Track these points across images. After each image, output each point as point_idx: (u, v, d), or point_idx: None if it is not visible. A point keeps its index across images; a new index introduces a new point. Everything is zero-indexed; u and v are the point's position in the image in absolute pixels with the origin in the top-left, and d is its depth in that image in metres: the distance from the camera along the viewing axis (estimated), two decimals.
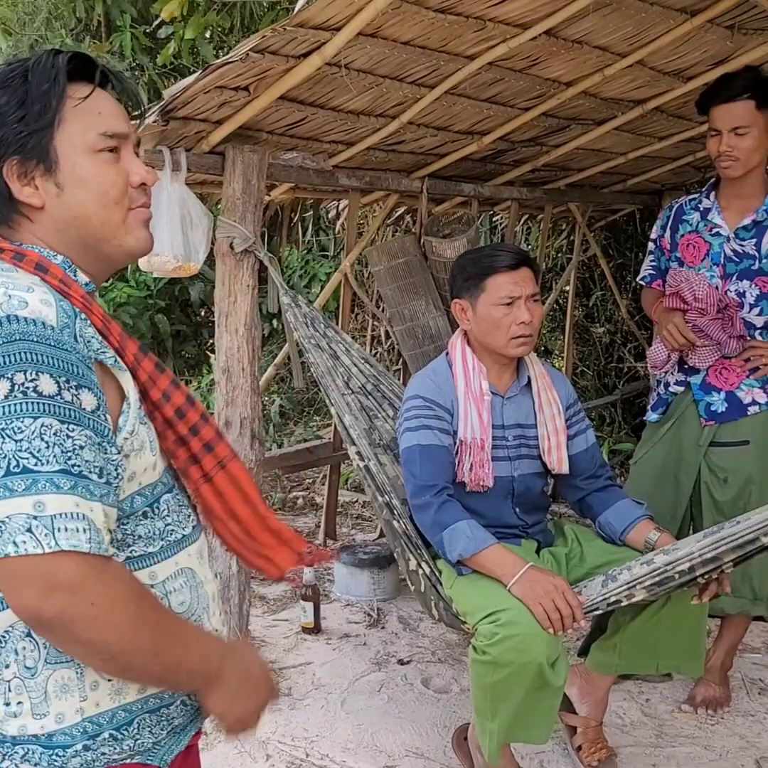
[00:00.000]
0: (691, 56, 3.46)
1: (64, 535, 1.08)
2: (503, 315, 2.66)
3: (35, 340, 1.12)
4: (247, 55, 2.61)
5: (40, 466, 1.09)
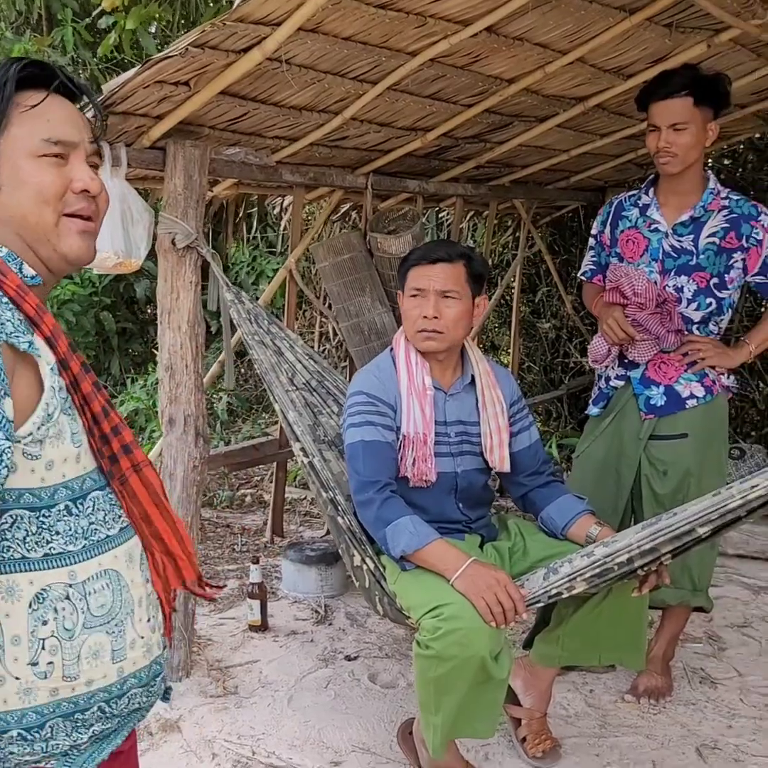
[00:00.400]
0: (630, 54, 3.51)
1: None
2: (412, 307, 2.69)
3: None
4: (187, 49, 2.59)
5: None
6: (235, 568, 4.44)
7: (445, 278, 2.66)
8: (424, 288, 2.66)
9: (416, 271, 2.70)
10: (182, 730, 3.00)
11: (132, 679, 1.32)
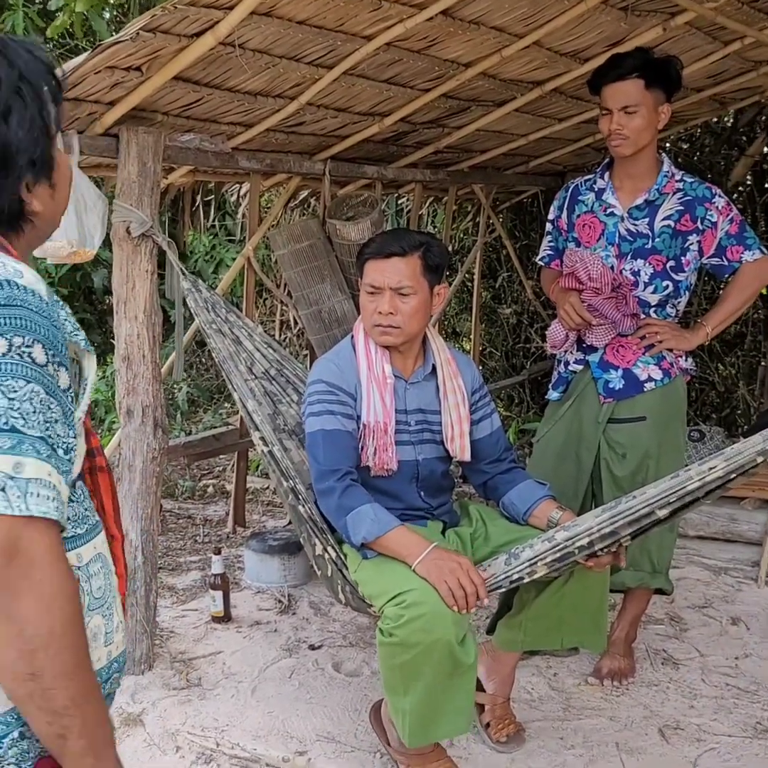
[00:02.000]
0: (586, 38, 3.51)
1: (34, 501, 1.07)
2: (369, 302, 2.68)
3: (33, 309, 1.12)
4: (138, 34, 2.55)
5: (26, 429, 1.08)
6: (197, 559, 4.41)
7: (399, 274, 2.63)
8: (379, 285, 2.64)
9: (371, 265, 2.67)
10: (145, 724, 2.98)
11: (115, 663, 1.32)
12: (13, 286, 1.11)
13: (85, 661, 1.14)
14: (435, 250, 2.68)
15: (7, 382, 1.08)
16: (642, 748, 2.85)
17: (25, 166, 1.21)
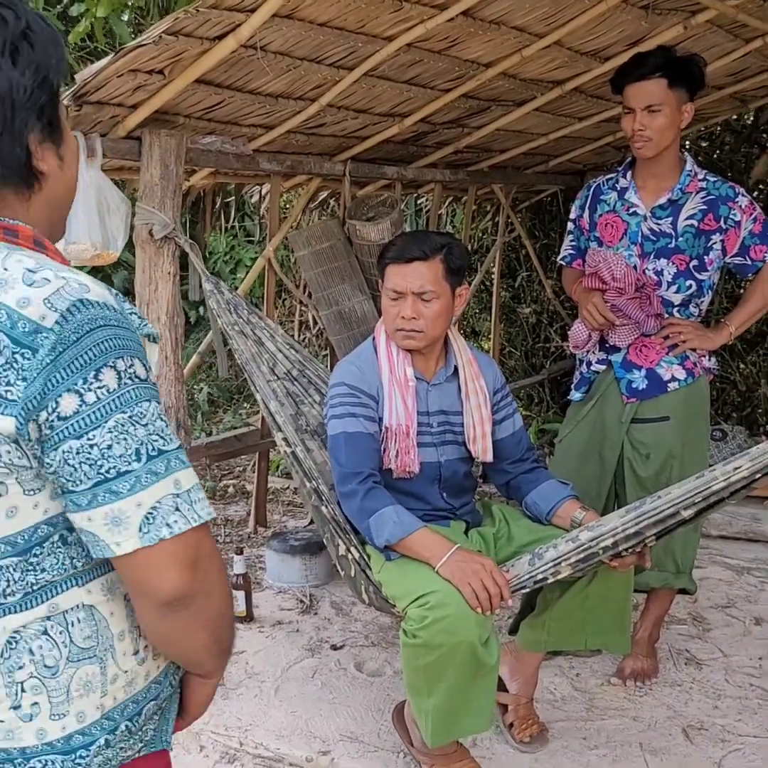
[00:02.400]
0: (607, 37, 3.49)
1: (200, 506, 1.11)
2: (391, 306, 2.67)
3: (116, 324, 1.07)
4: (161, 37, 2.56)
5: (167, 445, 1.09)
6: None
7: (422, 279, 2.62)
8: (401, 290, 2.63)
9: (392, 270, 2.66)
10: None
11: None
12: (87, 305, 1.05)
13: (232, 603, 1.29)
14: (456, 252, 2.67)
15: (135, 410, 1.06)
16: (666, 748, 2.84)
17: (32, 112, 1.13)
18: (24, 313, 1.02)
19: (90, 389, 1.03)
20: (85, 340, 1.03)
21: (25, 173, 1.15)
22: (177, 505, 1.08)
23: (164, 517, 1.07)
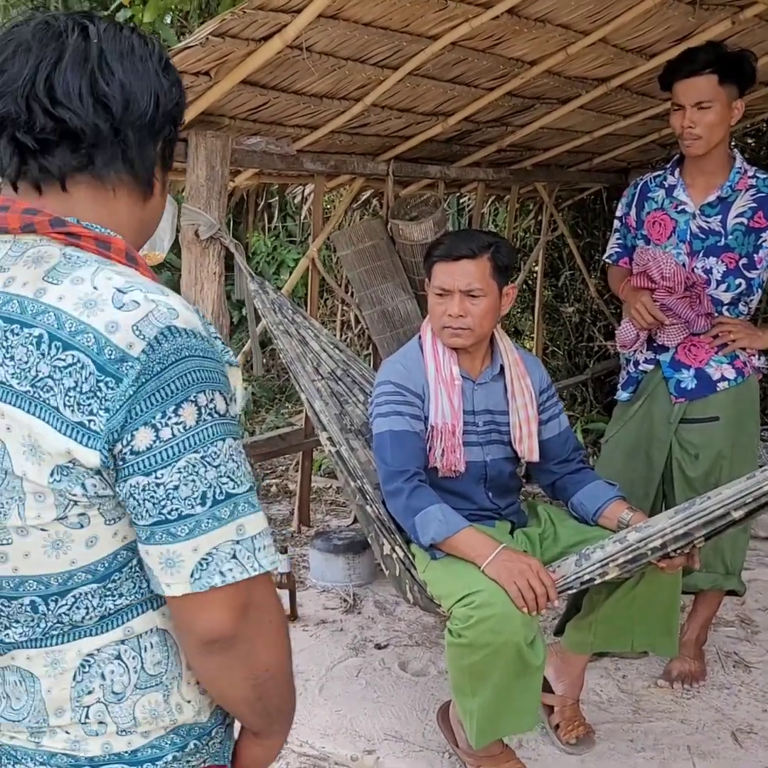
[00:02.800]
0: (653, 33, 3.46)
1: (263, 554, 1.06)
2: (437, 303, 2.67)
3: (201, 355, 1.03)
4: (207, 39, 2.57)
5: (237, 488, 1.04)
6: None
7: (470, 277, 2.62)
8: (449, 288, 2.63)
9: (440, 268, 2.66)
10: None
11: None
12: (175, 333, 1.01)
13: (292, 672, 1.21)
14: (503, 251, 2.67)
15: (209, 450, 1.02)
16: (715, 751, 2.81)
17: (168, 123, 1.16)
18: (112, 339, 0.99)
19: (167, 424, 1.00)
20: (170, 371, 1.00)
21: (148, 174, 1.16)
22: (235, 552, 1.04)
23: (218, 564, 1.03)
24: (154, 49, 1.14)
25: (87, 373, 0.98)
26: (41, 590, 1.07)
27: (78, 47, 1.08)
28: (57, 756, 1.11)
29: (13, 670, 1.12)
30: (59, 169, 1.09)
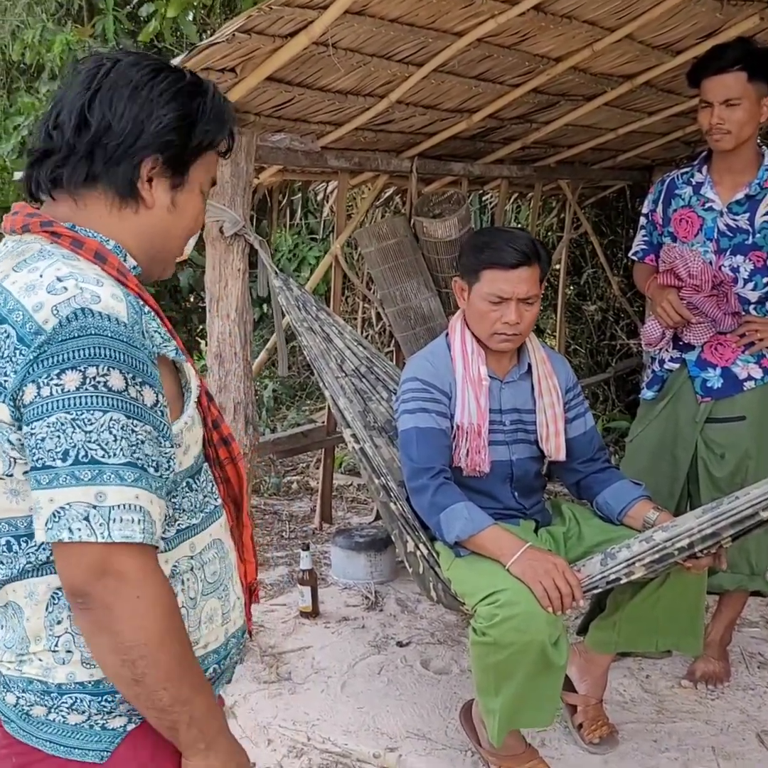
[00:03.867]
0: (680, 29, 3.43)
1: (117, 526, 1.14)
2: (490, 310, 2.62)
3: (109, 335, 1.15)
4: (234, 35, 2.57)
5: (107, 458, 1.14)
6: (284, 554, 4.45)
7: (528, 284, 2.60)
8: (508, 297, 2.59)
9: (495, 274, 2.60)
10: (237, 716, 3.02)
11: (233, 639, 1.41)
12: (87, 314, 1.15)
13: (187, 664, 1.22)
14: (544, 255, 2.67)
15: (83, 415, 1.13)
16: (739, 753, 2.79)
17: (156, 141, 1.29)
18: (34, 316, 1.15)
19: (48, 384, 1.13)
20: (69, 343, 1.13)
21: (124, 187, 1.30)
22: (89, 515, 1.12)
23: (69, 521, 1.12)
24: (163, 81, 1.30)
25: (9, 342, 1.15)
26: (12, 531, 1.23)
27: (84, 81, 1.29)
28: (33, 682, 1.26)
29: (9, 603, 1.27)
30: (44, 181, 1.31)
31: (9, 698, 1.28)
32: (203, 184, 1.39)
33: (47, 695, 1.25)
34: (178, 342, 1.31)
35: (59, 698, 1.25)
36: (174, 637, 1.20)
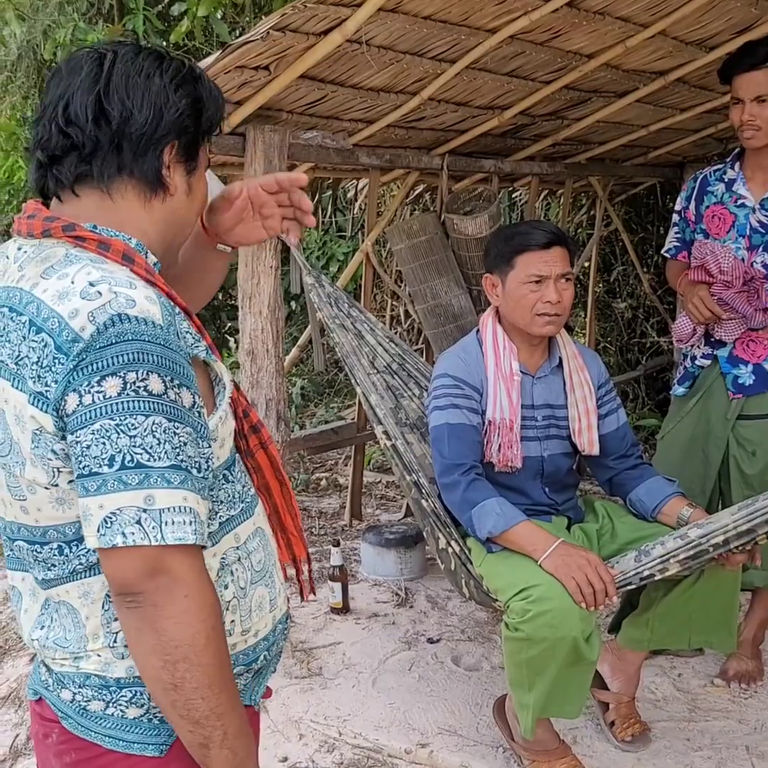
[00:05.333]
0: (714, 25, 3.41)
1: (170, 529, 1.14)
2: (530, 292, 2.62)
3: (147, 339, 1.15)
4: (268, 33, 2.59)
5: (152, 462, 1.14)
6: (313, 551, 4.46)
7: (563, 261, 2.63)
8: (546, 275, 2.61)
9: (530, 257, 2.62)
10: (269, 711, 3.03)
11: (280, 625, 1.43)
12: (125, 320, 1.14)
13: (227, 675, 1.22)
14: (571, 241, 2.71)
15: (126, 420, 1.13)
16: None
17: (175, 128, 1.30)
18: (71, 324, 1.14)
19: (89, 392, 1.13)
20: (108, 350, 1.13)
21: (153, 176, 1.30)
22: (140, 518, 1.13)
23: (121, 526, 1.13)
24: (168, 68, 1.30)
25: (48, 351, 1.15)
26: (61, 538, 1.24)
27: (90, 73, 1.26)
28: (91, 677, 1.27)
29: (61, 603, 1.28)
30: (67, 178, 1.28)
31: (65, 695, 1.29)
32: (205, 162, 1.40)
33: (106, 689, 1.27)
34: (206, 339, 1.32)
35: (118, 692, 1.26)
36: (217, 643, 1.20)
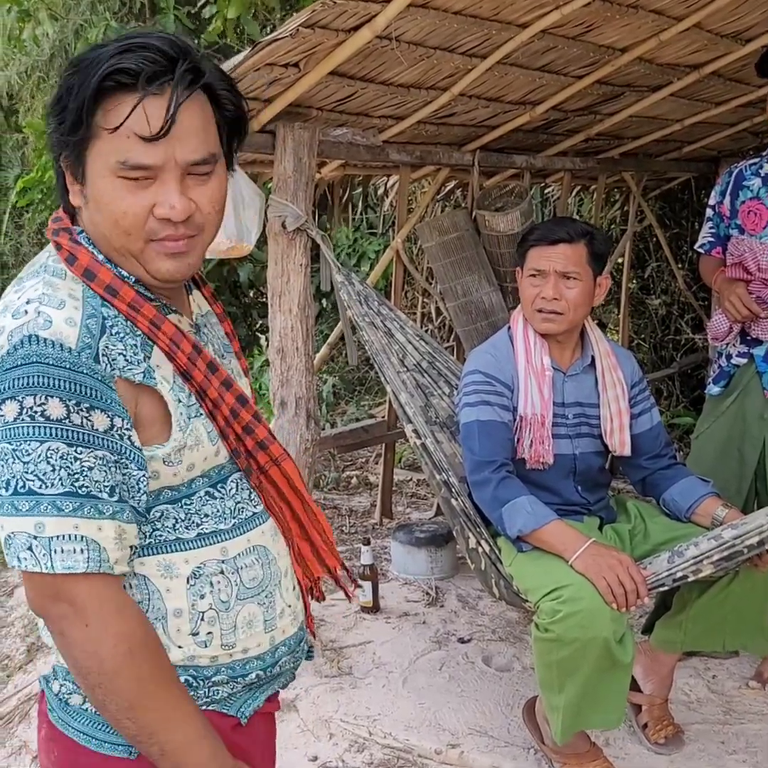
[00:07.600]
0: (750, 17, 3.35)
1: (59, 557, 1.13)
2: (531, 287, 2.64)
3: (51, 363, 1.13)
4: (297, 30, 2.57)
5: (44, 489, 1.13)
6: (344, 549, 4.46)
7: (566, 259, 2.60)
8: (543, 269, 2.61)
9: (536, 251, 2.64)
10: (299, 710, 3.03)
11: (282, 647, 1.39)
12: (33, 341, 1.12)
13: (154, 692, 1.19)
14: (600, 239, 2.65)
15: (21, 446, 1.12)
16: None
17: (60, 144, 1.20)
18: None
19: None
20: (12, 372, 1.12)
21: (62, 185, 1.25)
22: (31, 545, 1.13)
23: (16, 549, 1.14)
24: None
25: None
26: None
27: None
28: None
29: None
30: None
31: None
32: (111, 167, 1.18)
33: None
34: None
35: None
36: (135, 668, 1.17)
